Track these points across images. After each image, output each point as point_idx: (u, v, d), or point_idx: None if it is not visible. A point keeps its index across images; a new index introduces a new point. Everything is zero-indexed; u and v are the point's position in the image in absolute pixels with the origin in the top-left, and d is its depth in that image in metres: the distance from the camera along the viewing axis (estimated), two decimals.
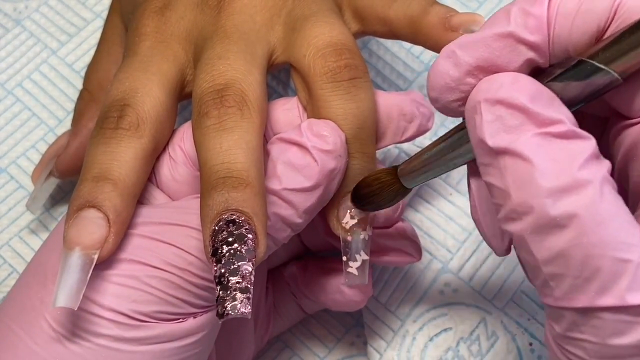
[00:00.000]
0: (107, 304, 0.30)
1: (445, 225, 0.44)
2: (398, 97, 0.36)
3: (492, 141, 0.26)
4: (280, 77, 0.49)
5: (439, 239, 0.44)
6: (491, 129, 0.26)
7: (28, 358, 0.30)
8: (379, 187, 0.33)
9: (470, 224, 0.44)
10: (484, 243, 0.43)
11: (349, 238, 0.35)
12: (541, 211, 0.25)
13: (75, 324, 0.30)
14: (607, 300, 0.24)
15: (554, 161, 0.25)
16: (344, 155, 0.34)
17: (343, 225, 0.35)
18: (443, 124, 0.47)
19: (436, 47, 0.36)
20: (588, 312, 0.25)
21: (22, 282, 0.33)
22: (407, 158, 0.45)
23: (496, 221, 0.29)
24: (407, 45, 0.49)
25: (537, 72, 0.28)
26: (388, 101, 0.36)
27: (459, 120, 0.30)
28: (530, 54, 0.27)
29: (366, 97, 0.35)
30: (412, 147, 0.46)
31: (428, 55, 0.49)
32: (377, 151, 0.36)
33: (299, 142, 0.33)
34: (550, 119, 0.25)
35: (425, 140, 0.46)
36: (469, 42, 0.28)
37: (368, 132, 0.35)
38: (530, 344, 0.41)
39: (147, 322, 0.31)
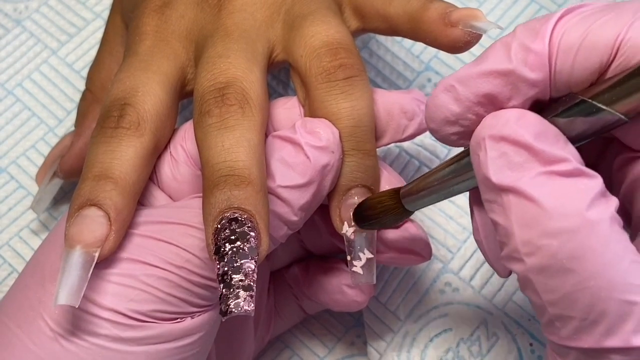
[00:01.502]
0: (105, 303, 0.30)
1: (446, 224, 0.44)
2: (399, 95, 0.36)
3: (496, 178, 0.26)
4: (280, 76, 0.49)
5: (439, 238, 0.44)
6: (495, 165, 0.26)
7: (25, 357, 0.30)
8: (382, 211, 0.33)
9: (470, 223, 0.44)
10: None
11: (352, 236, 0.35)
12: (547, 253, 0.24)
13: (73, 323, 0.30)
14: (613, 342, 0.24)
15: (561, 201, 0.24)
16: (337, 152, 0.34)
17: (346, 223, 0.35)
18: None
19: (436, 43, 0.36)
20: (594, 352, 0.25)
21: (21, 281, 0.33)
22: (407, 157, 0.46)
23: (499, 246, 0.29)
24: (407, 45, 0.49)
25: (538, 106, 0.27)
26: (389, 99, 0.36)
27: None
28: (532, 91, 0.27)
29: (362, 95, 0.34)
30: (412, 146, 0.46)
31: (428, 54, 0.49)
32: (377, 149, 0.36)
33: (293, 139, 0.33)
34: (556, 157, 0.25)
35: (426, 139, 0.46)
36: (468, 77, 0.27)
37: (364, 130, 0.35)
38: (531, 344, 0.41)
39: (144, 322, 0.31)
